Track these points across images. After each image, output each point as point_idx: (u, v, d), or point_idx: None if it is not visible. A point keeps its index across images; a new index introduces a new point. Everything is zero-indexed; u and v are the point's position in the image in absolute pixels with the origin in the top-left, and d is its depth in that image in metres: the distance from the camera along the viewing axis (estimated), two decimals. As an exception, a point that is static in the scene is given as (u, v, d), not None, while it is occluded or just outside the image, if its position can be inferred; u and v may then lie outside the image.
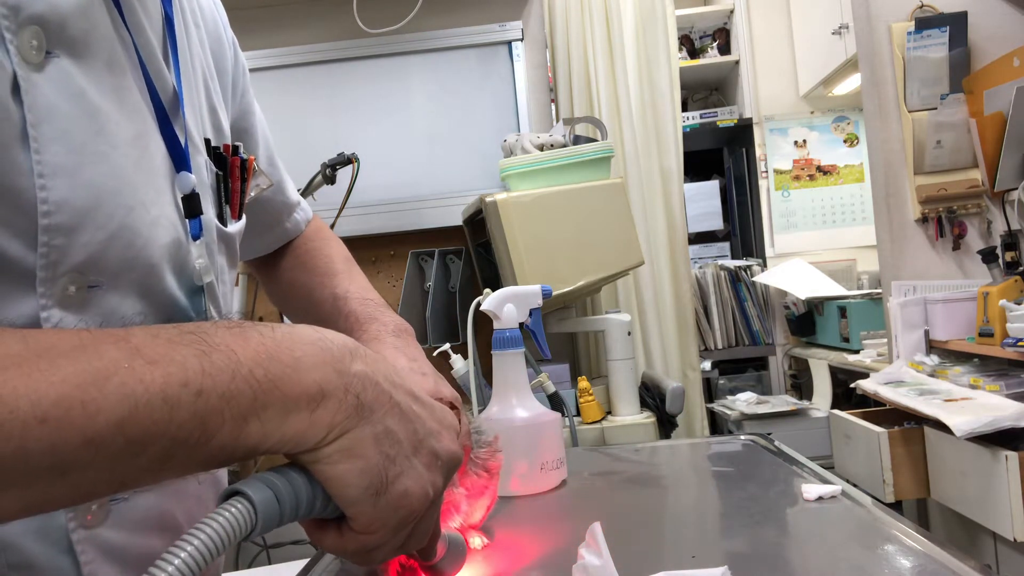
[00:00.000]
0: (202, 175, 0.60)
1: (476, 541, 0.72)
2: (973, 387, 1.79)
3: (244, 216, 0.69)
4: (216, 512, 0.36)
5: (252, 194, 0.71)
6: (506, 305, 0.97)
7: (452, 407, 0.62)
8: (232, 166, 0.65)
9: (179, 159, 0.56)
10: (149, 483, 0.36)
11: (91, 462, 0.33)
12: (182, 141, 0.56)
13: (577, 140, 2.08)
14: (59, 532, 0.48)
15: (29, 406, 0.31)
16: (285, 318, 1.10)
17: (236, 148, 0.66)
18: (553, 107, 2.63)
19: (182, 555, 0.34)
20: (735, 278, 3.26)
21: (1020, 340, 1.74)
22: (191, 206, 0.56)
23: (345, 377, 0.40)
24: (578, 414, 1.95)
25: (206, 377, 0.35)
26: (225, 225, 0.64)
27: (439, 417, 0.47)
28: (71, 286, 0.47)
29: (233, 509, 0.37)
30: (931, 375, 1.99)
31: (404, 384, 0.45)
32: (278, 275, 0.90)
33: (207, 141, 0.63)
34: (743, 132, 3.56)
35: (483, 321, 1.10)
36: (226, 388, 0.36)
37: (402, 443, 0.42)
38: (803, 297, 3.09)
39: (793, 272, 3.23)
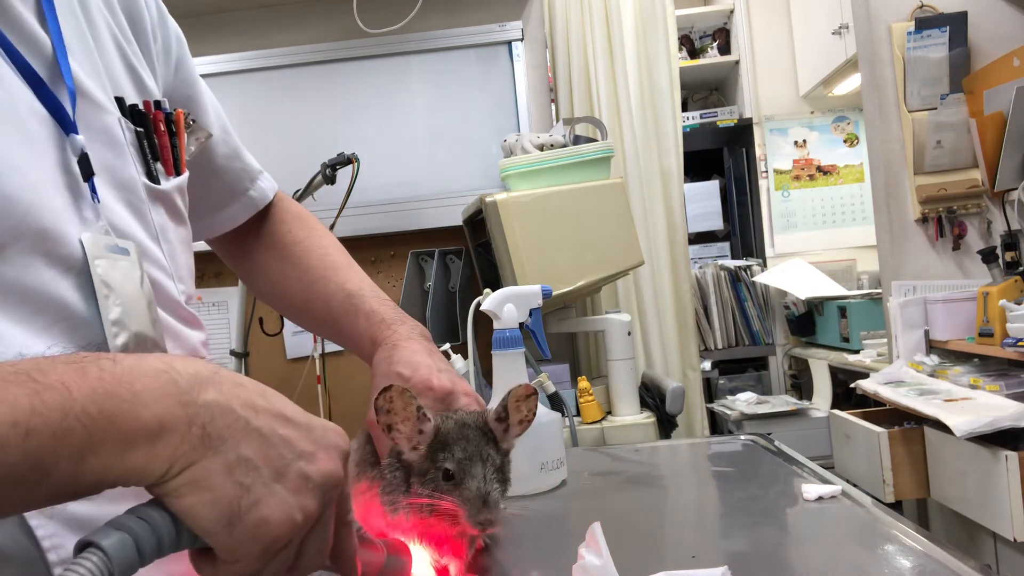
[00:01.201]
0: (113, 134, 0.59)
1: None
2: (973, 387, 1.79)
3: (187, 172, 0.68)
4: (66, 572, 0.35)
5: (193, 148, 0.70)
6: (506, 305, 0.97)
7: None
8: (155, 121, 0.64)
9: (64, 122, 0.55)
10: None
11: None
12: (67, 104, 0.55)
13: (577, 140, 2.08)
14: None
15: None
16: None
17: (159, 103, 0.65)
18: (553, 107, 2.62)
19: None
20: (735, 278, 3.26)
21: (1020, 340, 1.74)
22: (84, 168, 0.55)
23: (190, 408, 0.39)
24: (578, 414, 1.95)
25: (36, 416, 0.34)
26: (156, 182, 0.63)
27: (317, 438, 0.45)
28: None
29: (82, 568, 0.35)
30: (931, 375, 1.99)
31: (271, 407, 0.44)
32: (257, 266, 0.88)
33: (120, 99, 0.61)
34: (743, 132, 3.56)
35: (483, 321, 1.10)
36: (58, 427, 0.35)
37: (260, 470, 0.41)
38: (803, 297, 3.09)
39: (793, 272, 3.23)
